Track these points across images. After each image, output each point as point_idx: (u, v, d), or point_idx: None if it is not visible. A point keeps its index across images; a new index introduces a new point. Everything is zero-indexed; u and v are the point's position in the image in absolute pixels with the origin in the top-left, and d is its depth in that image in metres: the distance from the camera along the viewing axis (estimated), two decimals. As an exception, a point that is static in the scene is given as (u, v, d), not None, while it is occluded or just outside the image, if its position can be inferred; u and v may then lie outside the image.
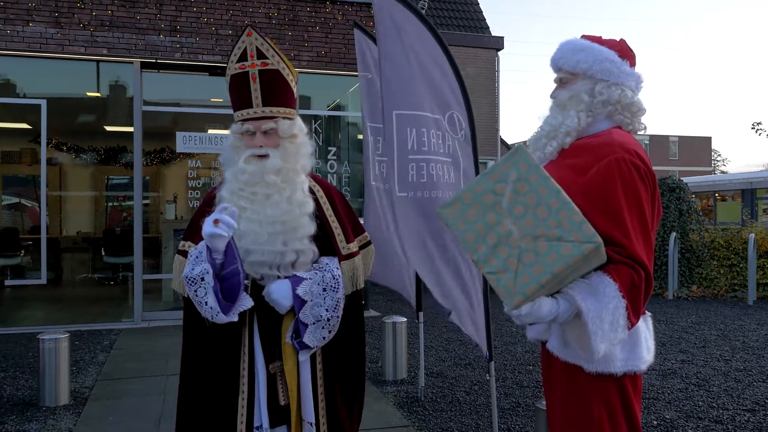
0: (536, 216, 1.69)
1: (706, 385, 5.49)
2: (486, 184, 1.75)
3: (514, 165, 1.74)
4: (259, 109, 2.29)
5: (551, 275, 1.66)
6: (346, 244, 2.39)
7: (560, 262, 1.66)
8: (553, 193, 1.71)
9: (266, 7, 8.55)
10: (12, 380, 5.59)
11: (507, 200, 1.72)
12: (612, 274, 1.85)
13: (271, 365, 2.32)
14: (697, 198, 21.04)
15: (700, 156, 52.60)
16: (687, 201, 11.50)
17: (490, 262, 1.70)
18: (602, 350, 1.86)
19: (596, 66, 2.17)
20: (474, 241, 1.72)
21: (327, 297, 2.28)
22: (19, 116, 8.95)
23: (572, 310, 1.85)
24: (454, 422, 4.57)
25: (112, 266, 10.81)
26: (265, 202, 2.26)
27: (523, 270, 1.68)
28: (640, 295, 1.89)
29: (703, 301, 10.43)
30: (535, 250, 1.68)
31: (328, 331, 2.30)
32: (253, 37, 2.29)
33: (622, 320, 1.85)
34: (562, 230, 1.67)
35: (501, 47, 18.36)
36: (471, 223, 1.73)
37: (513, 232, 1.70)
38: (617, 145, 2.02)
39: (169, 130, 8.70)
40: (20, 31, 7.67)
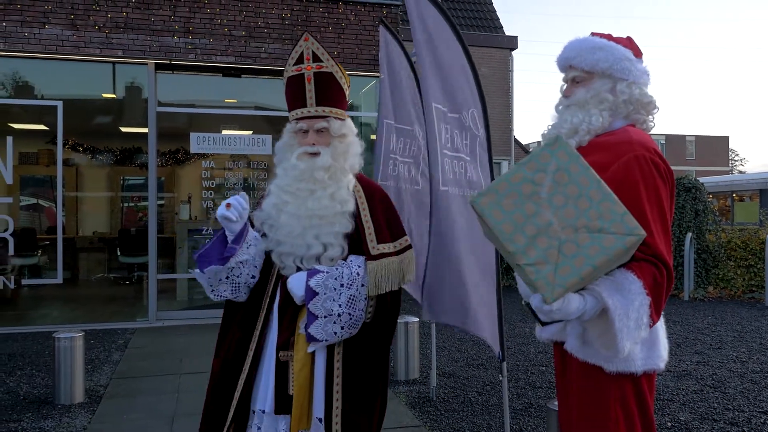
0: (577, 207, 1.66)
1: (722, 386, 5.43)
2: (524, 174, 1.70)
3: (553, 155, 1.71)
4: (312, 108, 2.41)
5: (593, 267, 1.63)
6: (376, 245, 2.40)
7: (602, 254, 1.63)
8: (594, 184, 1.68)
9: (279, 8, 8.58)
10: (28, 378, 5.65)
11: (547, 190, 1.68)
12: (636, 271, 1.85)
13: (281, 352, 2.36)
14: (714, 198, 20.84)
15: (717, 156, 52.07)
16: (703, 201, 11.38)
17: (529, 254, 1.65)
18: (627, 348, 1.85)
19: (616, 65, 2.17)
20: (512, 231, 1.66)
21: (342, 293, 2.30)
22: (36, 118, 9.05)
23: (598, 307, 1.83)
24: (466, 422, 4.56)
25: (128, 266, 10.90)
26: (308, 197, 2.36)
27: (564, 261, 1.64)
28: (662, 292, 1.89)
29: (719, 302, 10.32)
30: (577, 241, 1.64)
31: (341, 326, 2.30)
32: (309, 42, 2.43)
33: (646, 318, 1.85)
34: (603, 222, 1.64)
35: (515, 47, 18.28)
36: (508, 214, 1.68)
37: (553, 223, 1.66)
38: (636, 143, 2.01)
39: (184, 131, 8.76)
40: (37, 34, 7.76)
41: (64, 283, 8.36)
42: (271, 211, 2.42)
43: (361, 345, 2.41)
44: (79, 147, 10.97)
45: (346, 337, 2.35)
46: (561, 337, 2.15)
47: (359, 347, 2.41)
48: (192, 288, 9.17)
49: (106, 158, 11.45)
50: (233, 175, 9.14)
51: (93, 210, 12.51)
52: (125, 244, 10.81)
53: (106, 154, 11.39)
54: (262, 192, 9.01)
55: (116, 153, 11.35)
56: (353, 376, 2.39)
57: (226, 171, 9.13)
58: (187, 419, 4.58)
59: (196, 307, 8.88)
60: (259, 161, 9.15)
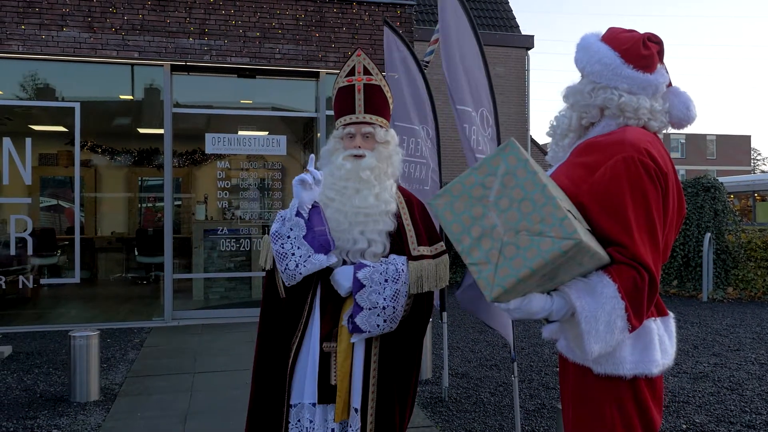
0: (520, 210, 1.71)
1: (739, 389, 5.35)
2: (475, 177, 1.77)
3: (504, 159, 1.76)
4: (360, 115, 2.59)
5: (530, 270, 1.67)
6: (417, 246, 2.56)
7: (539, 257, 1.66)
8: (538, 188, 1.71)
9: (293, 9, 8.62)
10: (45, 376, 5.73)
11: (494, 193, 1.74)
12: (612, 275, 1.82)
13: (325, 344, 2.51)
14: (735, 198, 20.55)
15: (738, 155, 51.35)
16: (722, 201, 11.22)
17: (473, 254, 1.73)
18: (596, 351, 1.83)
19: (588, 67, 2.14)
20: (459, 232, 1.75)
21: (387, 287, 2.44)
22: (55, 119, 9.18)
23: (567, 308, 1.83)
24: (477, 423, 4.54)
25: (145, 266, 11.02)
26: (354, 195, 2.51)
27: (503, 263, 1.69)
28: (642, 297, 1.84)
29: (738, 303, 10.17)
30: (517, 243, 1.69)
31: (383, 319, 2.44)
32: (361, 57, 2.63)
33: (620, 322, 1.81)
34: (544, 225, 1.68)
35: (531, 46, 18.18)
36: (458, 215, 1.76)
37: (497, 225, 1.72)
38: (627, 144, 1.95)
39: (200, 132, 8.83)
40: (55, 36, 7.86)
41: (81, 282, 8.48)
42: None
43: (397, 341, 2.55)
44: (98, 148, 11.10)
45: (387, 331, 2.48)
46: (556, 337, 2.14)
47: (395, 343, 2.55)
48: (208, 288, 9.25)
49: (124, 159, 11.58)
50: (249, 176, 9.19)
51: (111, 210, 12.67)
52: (143, 244, 10.92)
53: (124, 155, 11.52)
54: (277, 192, 9.15)
55: (134, 154, 11.47)
56: (389, 369, 2.53)
57: (241, 171, 9.18)
58: (200, 417, 4.62)
59: (212, 307, 8.95)
60: (274, 162, 9.19)
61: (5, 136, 7.90)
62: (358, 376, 2.50)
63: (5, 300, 8.24)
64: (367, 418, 2.47)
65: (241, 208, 9.14)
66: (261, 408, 2.59)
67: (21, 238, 7.93)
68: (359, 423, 2.47)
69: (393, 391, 2.53)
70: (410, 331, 2.58)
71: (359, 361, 2.51)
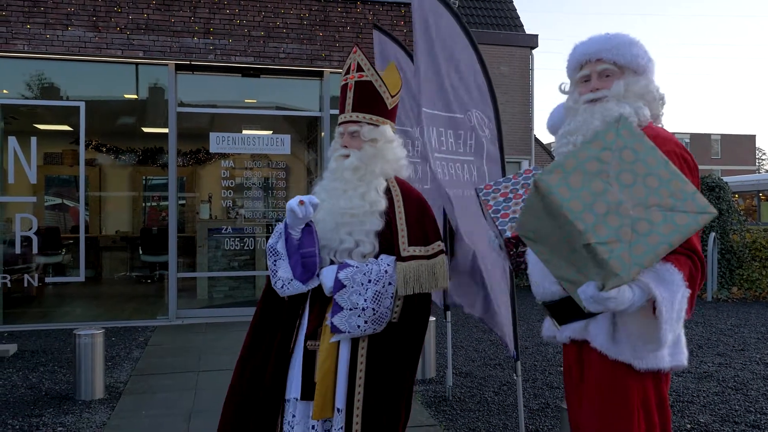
0: (647, 185, 1.63)
1: (744, 388, 5.33)
2: (589, 152, 1.68)
3: (618, 133, 1.69)
4: (348, 114, 2.61)
5: (668, 245, 1.61)
6: (407, 247, 2.49)
7: (677, 232, 1.60)
8: (662, 164, 1.66)
9: (298, 8, 8.62)
10: (50, 374, 5.75)
11: (614, 168, 1.65)
12: (675, 264, 1.84)
13: (309, 342, 2.52)
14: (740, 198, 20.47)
15: (743, 154, 51.16)
16: (727, 200, 11.19)
17: (599, 232, 1.60)
18: (669, 340, 1.85)
19: (641, 62, 2.18)
20: (581, 210, 1.61)
21: (369, 288, 2.40)
22: (60, 118, 9.20)
23: (645, 298, 1.81)
24: (481, 422, 4.54)
25: (150, 265, 11.04)
26: (341, 196, 2.53)
27: (637, 240, 1.59)
28: (696, 285, 1.90)
29: (743, 303, 10.14)
30: (649, 219, 1.61)
31: (364, 321, 2.40)
32: (357, 54, 2.62)
33: (684, 311, 1.85)
34: (675, 200, 1.62)
35: (535, 45, 18.14)
36: (576, 191, 1.63)
37: (623, 201, 1.62)
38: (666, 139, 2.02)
39: (205, 131, 8.84)
40: (60, 36, 7.89)
41: (86, 281, 8.49)
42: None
43: (387, 343, 2.48)
44: (102, 147, 11.13)
45: (369, 333, 2.44)
46: (582, 335, 2.13)
47: (385, 345, 2.48)
48: (212, 286, 9.26)
49: (129, 158, 11.61)
50: (253, 175, 9.21)
51: (116, 209, 12.70)
52: (147, 243, 10.95)
53: (129, 154, 11.54)
54: (281, 191, 9.16)
55: (138, 153, 11.50)
56: (378, 372, 2.47)
57: (245, 171, 9.20)
58: (204, 416, 4.63)
59: (216, 306, 8.96)
60: (278, 161, 9.20)
61: (11, 135, 7.93)
62: (343, 376, 2.46)
63: (10, 298, 8.27)
64: (353, 419, 2.42)
65: (245, 207, 9.15)
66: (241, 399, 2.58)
67: (26, 236, 7.95)
68: (342, 423, 2.43)
69: (383, 393, 2.46)
70: (403, 334, 2.50)
71: (344, 361, 2.46)
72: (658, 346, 1.85)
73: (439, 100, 3.74)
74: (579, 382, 2.21)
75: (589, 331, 2.10)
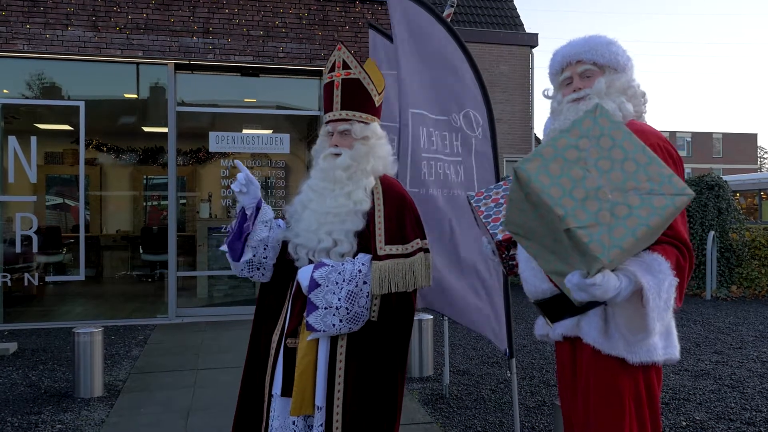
0: (624, 170, 1.67)
1: (740, 386, 5.35)
2: (567, 140, 1.71)
3: (595, 121, 1.72)
4: (337, 112, 2.59)
5: (647, 227, 1.63)
6: (384, 246, 2.46)
7: (654, 214, 1.63)
8: (639, 148, 1.69)
9: (297, 8, 8.64)
10: (50, 372, 5.78)
11: (592, 155, 1.69)
12: (661, 253, 1.86)
13: (289, 339, 2.53)
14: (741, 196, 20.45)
15: (745, 153, 51.12)
16: (726, 199, 11.20)
17: (579, 216, 1.63)
18: (657, 330, 1.86)
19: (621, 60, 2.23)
20: (560, 196, 1.65)
21: (343, 287, 2.39)
22: (60, 118, 9.23)
23: (632, 287, 1.82)
24: (478, 420, 4.57)
25: (150, 264, 11.07)
26: (328, 196, 2.52)
27: (617, 223, 1.62)
28: (685, 275, 1.92)
29: (742, 301, 10.15)
30: (627, 203, 1.64)
31: (339, 319, 2.39)
32: (341, 51, 2.60)
33: (672, 300, 1.86)
34: (652, 183, 1.65)
35: (535, 44, 18.13)
36: (555, 178, 1.66)
37: (602, 186, 1.66)
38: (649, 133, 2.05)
39: (205, 131, 8.87)
40: (60, 36, 7.92)
41: (86, 280, 8.53)
42: (297, 206, 2.61)
43: (367, 342, 2.46)
44: (103, 147, 11.16)
45: (345, 331, 2.43)
46: (574, 332, 2.15)
47: (366, 344, 2.46)
48: (212, 285, 9.29)
49: (129, 158, 11.64)
50: (252, 174, 9.21)
51: (117, 209, 12.73)
52: (148, 242, 10.97)
53: (129, 154, 11.57)
54: (281, 190, 9.18)
55: (138, 152, 11.52)
56: (359, 370, 2.44)
57: (245, 170, 9.21)
58: (201, 413, 4.66)
59: (216, 305, 8.99)
60: (278, 160, 9.23)
61: (11, 134, 7.96)
62: (322, 374, 2.45)
63: (11, 297, 8.31)
64: (333, 416, 2.41)
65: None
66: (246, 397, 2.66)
67: (26, 236, 7.98)
68: (323, 420, 2.43)
69: (367, 391, 2.43)
70: (384, 332, 2.47)
71: (322, 358, 2.45)
72: (647, 335, 1.86)
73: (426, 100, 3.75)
74: (572, 380, 2.23)
75: (581, 327, 2.12)
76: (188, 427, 4.39)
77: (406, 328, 2.53)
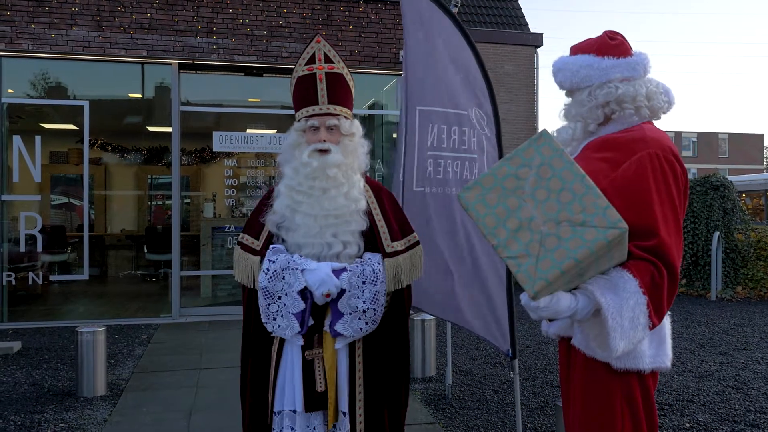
0: (559, 201, 1.65)
1: (745, 388, 5.32)
2: (508, 169, 1.71)
3: (537, 150, 1.71)
4: (324, 106, 2.44)
5: (574, 261, 1.62)
6: (390, 243, 2.46)
7: (583, 247, 1.61)
8: (577, 178, 1.67)
9: (300, 8, 8.65)
10: (53, 371, 5.80)
11: (530, 184, 1.68)
12: (632, 270, 1.82)
13: (307, 352, 2.38)
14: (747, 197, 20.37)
15: (751, 153, 50.94)
16: (732, 199, 11.15)
17: (510, 247, 1.65)
18: (621, 348, 1.82)
19: (575, 79, 2.21)
20: (494, 225, 1.68)
21: (365, 289, 2.35)
22: (65, 117, 9.26)
23: (591, 306, 1.81)
24: (480, 420, 4.55)
25: (154, 263, 11.10)
26: (322, 196, 2.37)
27: (544, 255, 1.63)
28: (662, 292, 1.85)
29: (748, 302, 10.10)
30: (558, 234, 1.63)
31: (365, 322, 2.36)
32: (321, 44, 2.46)
33: (643, 318, 1.82)
34: (586, 215, 1.63)
35: (540, 44, 18.09)
36: (491, 207, 1.69)
37: (535, 217, 1.65)
38: (650, 141, 2.00)
39: (209, 130, 8.88)
40: (64, 35, 7.94)
41: (90, 279, 8.56)
42: (285, 212, 2.41)
43: (379, 339, 2.47)
44: (107, 146, 11.20)
45: (369, 332, 2.41)
46: (568, 333, 2.14)
47: (378, 342, 2.47)
48: (215, 285, 9.30)
49: (134, 157, 11.68)
50: (256, 174, 9.24)
51: (121, 208, 12.77)
52: (152, 241, 11.00)
53: (134, 153, 11.61)
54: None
55: (143, 152, 11.56)
56: (375, 369, 2.46)
57: (249, 169, 9.23)
58: (204, 413, 4.66)
59: (219, 304, 9.00)
60: (281, 160, 9.21)
61: (15, 134, 7.99)
62: (344, 380, 2.43)
63: (15, 296, 8.33)
64: (356, 420, 2.41)
65: (249, 205, 9.18)
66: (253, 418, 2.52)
67: (31, 235, 8.01)
68: (348, 426, 2.41)
69: (381, 391, 2.46)
70: (392, 328, 2.49)
71: (344, 365, 2.43)
72: (610, 353, 1.83)
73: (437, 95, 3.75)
74: (567, 379, 2.23)
75: (573, 328, 2.11)
76: (191, 427, 4.40)
77: (407, 318, 2.58)
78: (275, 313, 2.35)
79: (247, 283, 2.49)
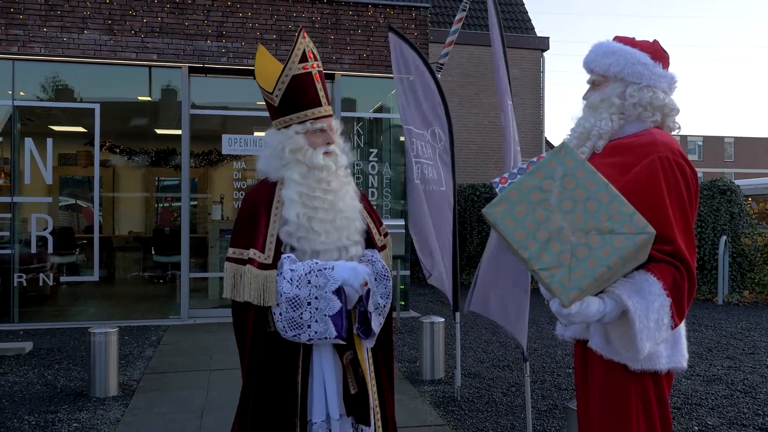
0: (586, 210, 1.69)
1: (753, 392, 5.34)
2: (532, 182, 1.75)
3: (560, 162, 1.75)
4: (327, 107, 2.38)
5: (606, 268, 1.66)
6: (379, 237, 2.54)
7: (614, 254, 1.65)
8: (602, 187, 1.71)
9: (309, 12, 8.70)
10: (66, 372, 5.85)
11: (555, 196, 1.72)
12: (655, 272, 1.86)
13: (347, 353, 2.30)
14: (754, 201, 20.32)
15: (757, 157, 50.74)
16: (739, 204, 11.14)
17: (542, 259, 1.69)
18: (647, 349, 1.87)
19: (627, 69, 2.20)
20: (524, 238, 1.71)
21: (380, 285, 2.40)
22: (75, 120, 9.32)
23: (618, 309, 1.85)
24: (489, 422, 4.58)
25: (162, 265, 11.15)
26: (335, 199, 2.33)
27: (577, 264, 1.67)
28: (683, 294, 1.90)
29: (755, 306, 10.10)
30: (588, 243, 1.67)
31: (383, 317, 2.44)
32: (307, 40, 2.37)
33: (667, 319, 1.86)
34: (613, 223, 1.67)
35: (546, 48, 18.13)
36: (520, 221, 1.72)
37: (564, 228, 1.69)
38: (661, 145, 2.03)
39: (217, 133, 8.94)
40: (76, 39, 8.01)
41: (100, 280, 8.62)
42: (301, 221, 2.29)
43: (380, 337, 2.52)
44: (116, 148, 11.26)
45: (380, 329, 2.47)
46: (584, 336, 2.18)
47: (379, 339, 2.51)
48: (223, 287, 9.32)
49: (142, 159, 11.73)
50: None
51: (129, 210, 12.82)
52: (160, 243, 11.05)
53: (142, 156, 11.67)
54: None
55: (151, 154, 11.62)
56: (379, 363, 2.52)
57: (257, 172, 9.26)
58: (215, 413, 4.70)
59: (227, 306, 9.00)
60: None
61: (27, 136, 8.06)
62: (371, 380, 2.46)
63: (26, 297, 8.39)
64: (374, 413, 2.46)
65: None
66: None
67: (41, 236, 8.07)
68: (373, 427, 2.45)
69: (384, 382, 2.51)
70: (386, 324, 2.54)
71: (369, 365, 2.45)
72: (636, 354, 1.87)
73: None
74: (584, 380, 2.26)
75: (589, 331, 2.15)
76: (202, 427, 4.44)
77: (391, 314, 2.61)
78: (309, 320, 2.20)
79: (257, 300, 2.24)
